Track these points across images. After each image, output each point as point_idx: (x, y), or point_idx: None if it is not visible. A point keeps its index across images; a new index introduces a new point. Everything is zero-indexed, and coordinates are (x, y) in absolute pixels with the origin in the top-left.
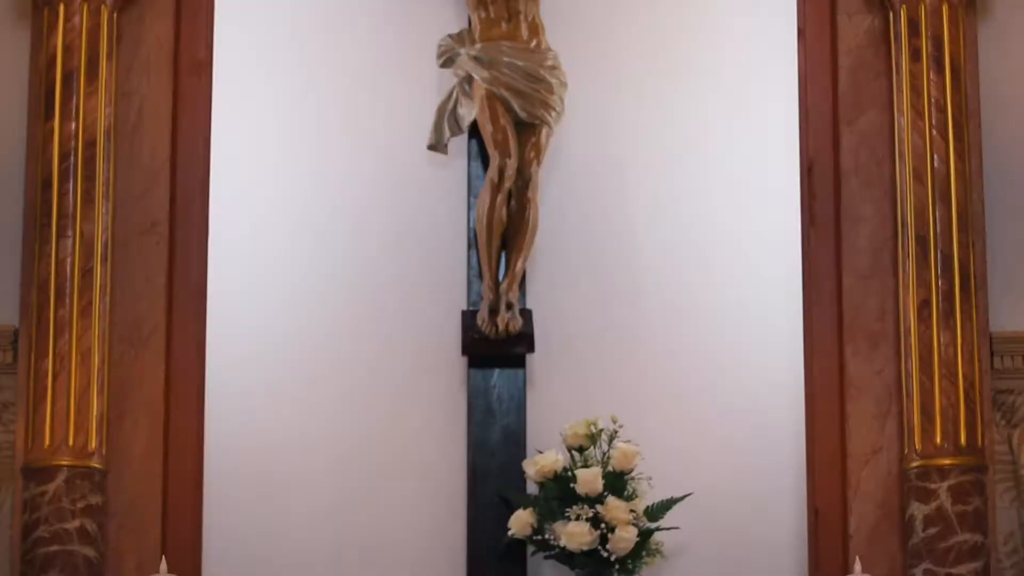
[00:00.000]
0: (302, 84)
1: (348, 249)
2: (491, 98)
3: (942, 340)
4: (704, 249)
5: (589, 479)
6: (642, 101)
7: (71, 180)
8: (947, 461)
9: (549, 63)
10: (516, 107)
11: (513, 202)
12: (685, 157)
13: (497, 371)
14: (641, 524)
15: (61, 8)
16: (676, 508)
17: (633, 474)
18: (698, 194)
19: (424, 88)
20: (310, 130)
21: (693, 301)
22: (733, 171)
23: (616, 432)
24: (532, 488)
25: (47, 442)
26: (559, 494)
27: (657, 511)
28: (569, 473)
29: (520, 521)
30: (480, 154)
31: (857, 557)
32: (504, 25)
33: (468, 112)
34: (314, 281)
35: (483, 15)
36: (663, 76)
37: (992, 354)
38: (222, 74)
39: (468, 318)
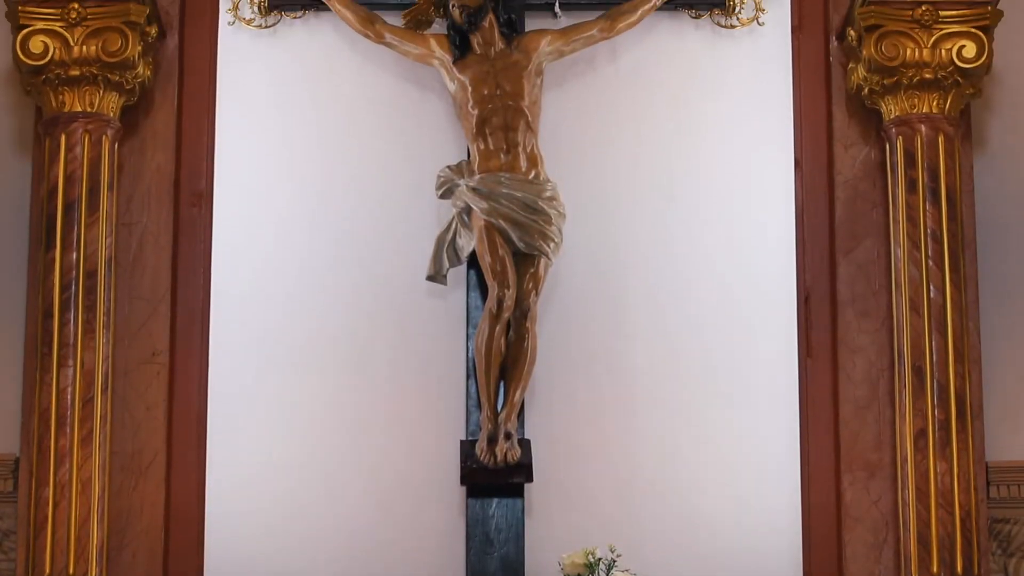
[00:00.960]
0: (302, 214)
1: (348, 378)
2: (490, 229)
3: (939, 469)
4: (702, 380)
5: None
6: (640, 232)
7: (72, 310)
8: None
9: (548, 194)
10: (515, 238)
11: (511, 332)
12: (682, 288)
13: (496, 500)
14: None
15: (63, 138)
16: None
17: None
18: (696, 326)
19: (423, 219)
20: (309, 260)
21: (691, 432)
22: (731, 302)
23: (614, 561)
24: None
25: (47, 571)
26: None
27: None
28: None
29: None
30: (479, 284)
31: None
32: (503, 156)
33: (467, 243)
34: (314, 411)
35: (482, 146)
36: (661, 207)
37: (988, 483)
38: (222, 205)
39: (467, 447)
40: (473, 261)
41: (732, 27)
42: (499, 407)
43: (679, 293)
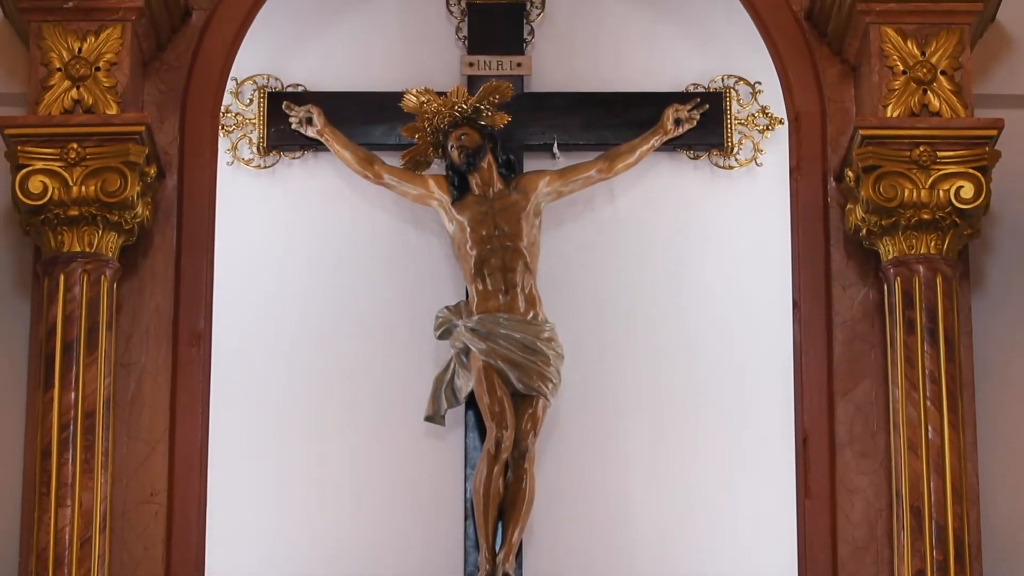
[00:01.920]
0: (301, 354)
1: (345, 520)
2: (488, 370)
3: None
4: (699, 521)
5: None
6: (638, 373)
7: (70, 449)
8: None
9: (546, 335)
10: (513, 379)
11: (510, 473)
12: (681, 430)
13: None
14: None
15: (62, 278)
16: None
17: None
18: (695, 468)
19: (421, 359)
20: (308, 399)
21: (691, 571)
22: (730, 444)
23: None
24: None
25: None
26: None
27: None
28: None
29: None
30: (477, 425)
31: None
32: (501, 297)
33: (465, 383)
34: (312, 551)
35: (480, 287)
36: (659, 348)
37: None
38: (221, 344)
39: None
40: (471, 401)
41: (730, 168)
42: (497, 548)
43: (678, 435)
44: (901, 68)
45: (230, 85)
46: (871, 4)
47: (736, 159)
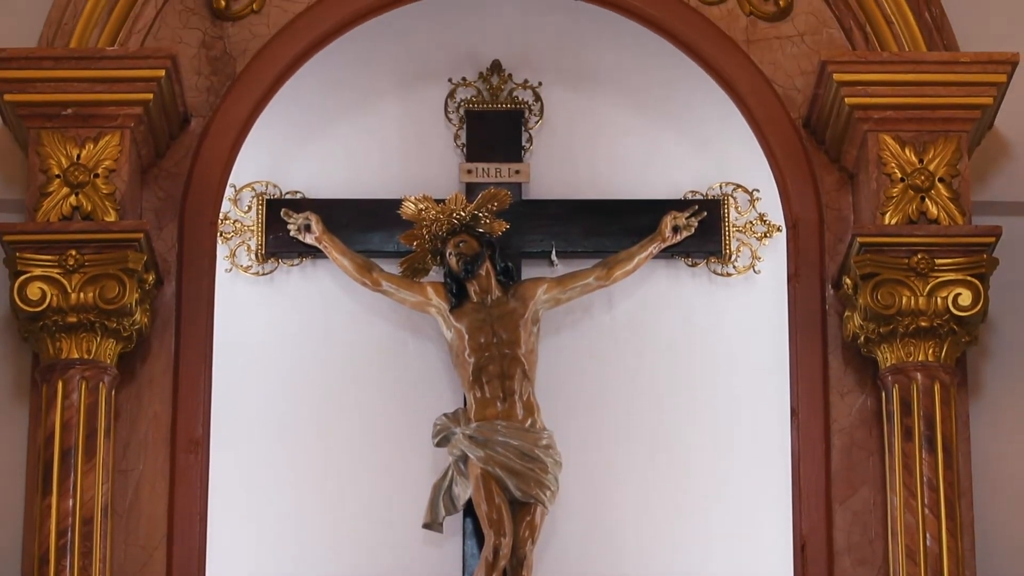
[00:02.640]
0: (298, 462)
1: None
2: (486, 477)
3: None
4: None
5: None
6: (635, 479)
7: (68, 557)
8: None
9: (544, 443)
10: (511, 486)
11: None
12: (679, 537)
13: None
14: None
15: (60, 385)
16: None
17: None
18: (691, 569)
19: (419, 467)
20: (306, 509)
21: None
22: (726, 551)
23: None
24: None
25: None
26: None
27: None
28: None
29: None
30: (475, 532)
31: None
32: (499, 404)
33: (463, 491)
34: None
35: (478, 394)
36: (657, 456)
37: None
38: (219, 451)
39: None
40: (469, 509)
41: (728, 275)
42: None
43: (674, 543)
44: (899, 175)
45: (229, 192)
46: (869, 112)
47: (734, 266)
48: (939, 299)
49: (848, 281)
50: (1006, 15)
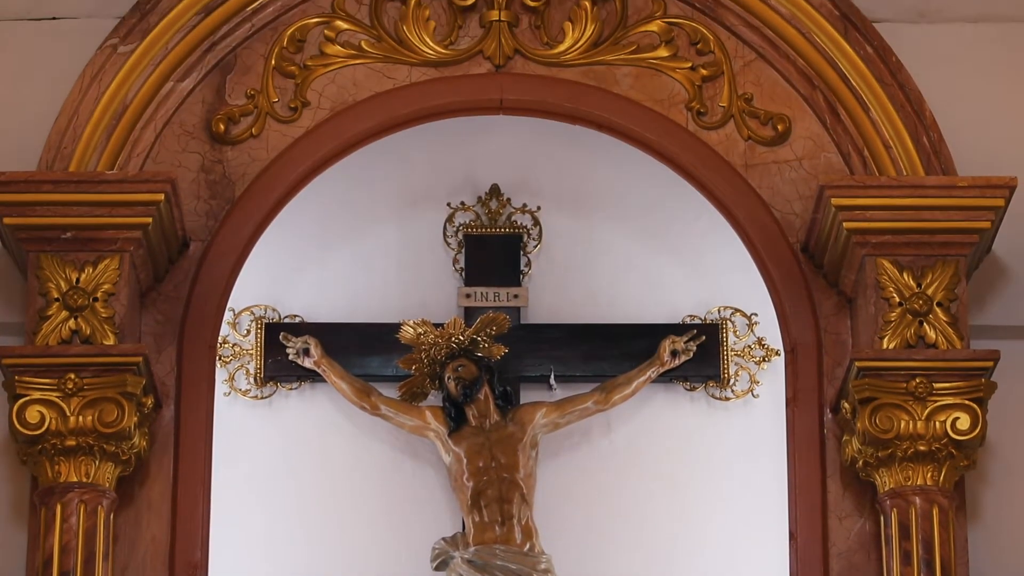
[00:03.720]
0: None
1: None
2: None
3: None
4: None
5: None
6: None
7: None
8: None
9: (543, 567)
10: None
11: None
12: None
13: None
14: None
15: (58, 509)
16: None
17: None
18: None
19: None
20: None
21: None
22: None
23: None
24: None
25: None
26: None
27: None
28: None
29: None
30: None
31: None
32: (498, 529)
33: None
34: None
35: (477, 518)
36: (655, 569)
37: None
38: (217, 574)
39: None
40: None
41: (727, 399)
42: None
43: None
44: (897, 300)
45: (227, 316)
46: (867, 236)
47: (732, 390)
48: (937, 423)
49: (847, 405)
50: (1004, 139)
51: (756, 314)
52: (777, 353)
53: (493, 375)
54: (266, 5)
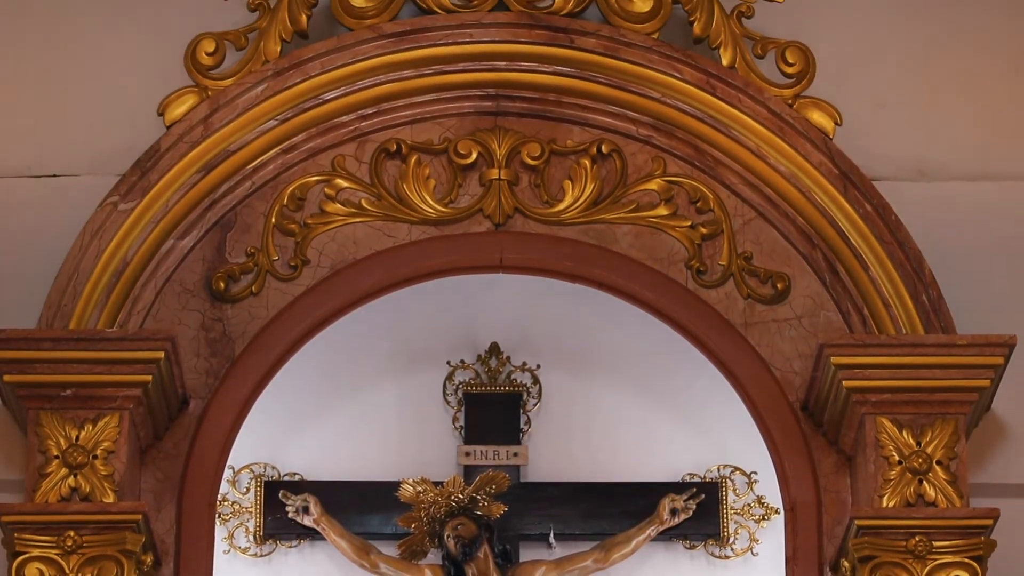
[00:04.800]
0: None
1: None
2: None
3: None
4: None
5: None
6: None
7: None
8: None
9: None
10: None
11: None
12: None
13: None
14: None
15: None
16: None
17: None
18: None
19: None
20: None
21: None
22: None
23: None
24: None
25: None
26: None
27: None
28: None
29: None
30: None
31: None
32: None
33: None
34: None
35: None
36: None
37: None
38: None
39: None
40: None
41: (726, 558)
42: None
43: None
44: (897, 458)
45: (227, 474)
46: (867, 395)
47: (732, 548)
48: None
49: (846, 564)
50: (1003, 297)
51: (756, 472)
52: (777, 511)
53: (492, 533)
54: (266, 163)
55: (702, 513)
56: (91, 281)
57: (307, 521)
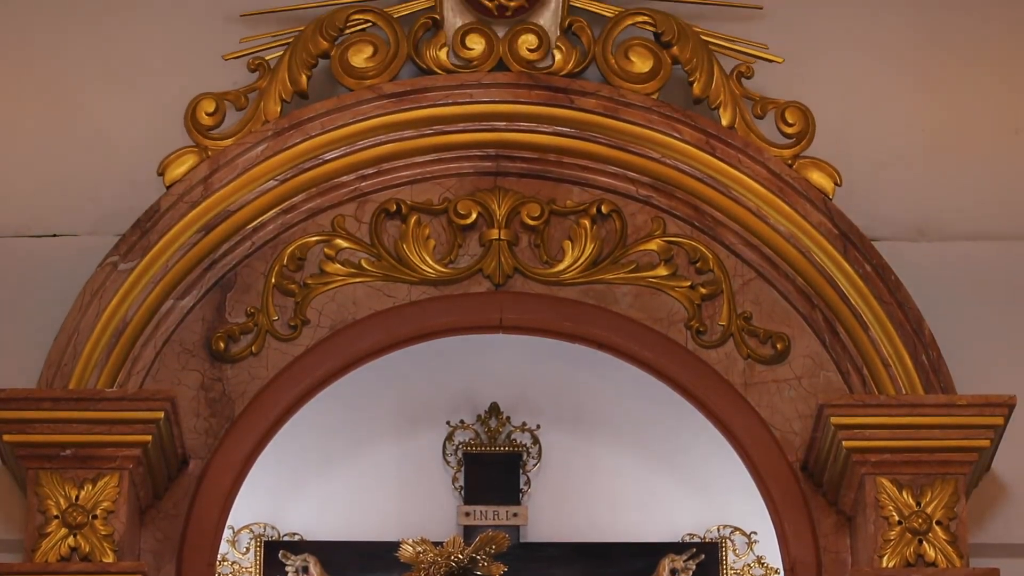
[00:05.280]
0: None
1: None
2: None
3: None
4: None
5: None
6: None
7: None
8: None
9: None
10: None
11: None
12: None
13: None
14: None
15: None
16: None
17: None
18: None
19: None
20: None
21: None
22: None
23: None
24: None
25: None
26: None
27: None
28: None
29: None
30: None
31: None
32: None
33: None
34: None
35: None
36: None
37: None
38: None
39: None
40: None
41: None
42: None
43: None
44: (896, 519)
45: (227, 534)
46: (867, 455)
47: None
48: None
49: None
50: (1003, 356)
51: (756, 532)
52: (777, 572)
53: None
54: (266, 224)
55: (702, 573)
56: (91, 341)
57: None
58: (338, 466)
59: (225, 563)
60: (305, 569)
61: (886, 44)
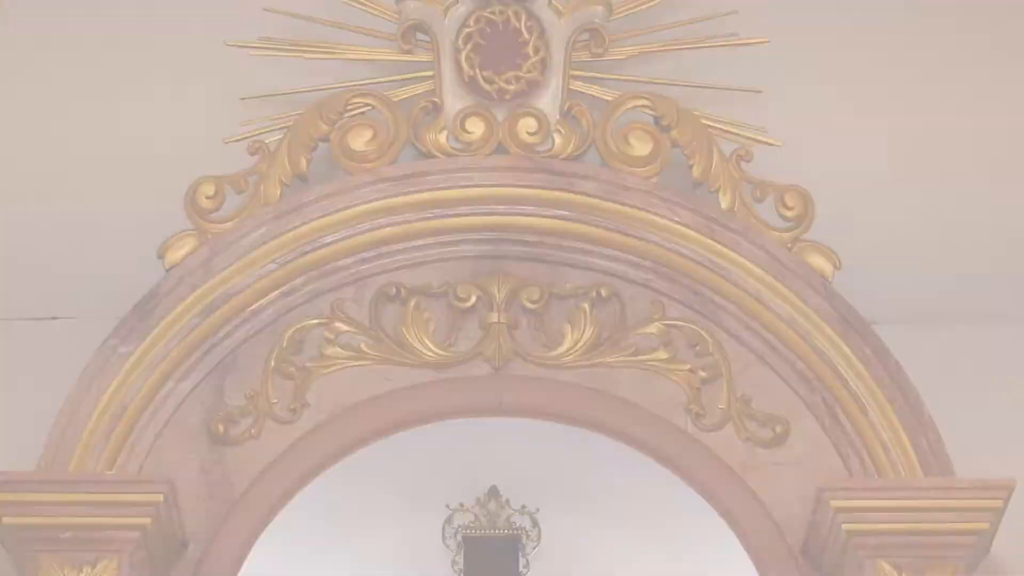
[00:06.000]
0: None
1: None
2: None
3: None
4: None
5: None
6: None
7: None
8: None
9: None
10: None
11: None
12: None
13: None
14: None
15: None
16: None
17: None
18: None
19: None
20: None
21: None
22: None
23: None
24: None
25: None
26: None
27: None
28: None
29: None
30: None
31: None
32: None
33: None
34: None
35: None
36: None
37: None
38: None
39: None
40: None
41: None
42: None
43: None
44: None
45: None
46: (866, 539)
47: None
48: None
49: None
50: (1002, 439)
51: None
52: None
53: None
54: (265, 307)
55: None
56: (90, 424)
57: None
58: (337, 549)
59: None
60: None
61: (887, 129)
